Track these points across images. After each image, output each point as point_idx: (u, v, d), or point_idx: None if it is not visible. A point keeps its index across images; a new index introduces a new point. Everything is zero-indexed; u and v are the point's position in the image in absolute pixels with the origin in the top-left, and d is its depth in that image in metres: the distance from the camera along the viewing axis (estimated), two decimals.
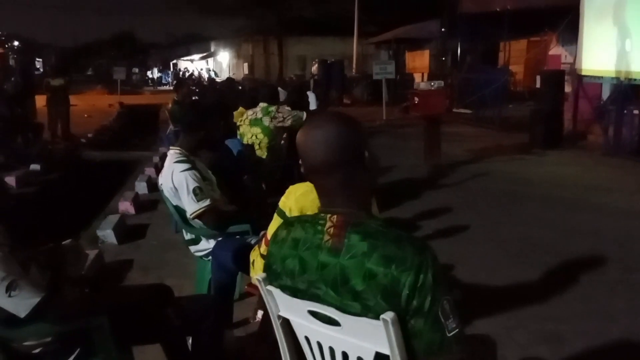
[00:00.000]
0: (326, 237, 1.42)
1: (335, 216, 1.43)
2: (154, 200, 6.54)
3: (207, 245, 3.34)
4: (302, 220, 1.54)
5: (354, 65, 25.45)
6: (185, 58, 52.91)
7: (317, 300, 1.41)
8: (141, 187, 7.25)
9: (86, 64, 56.36)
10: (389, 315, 1.26)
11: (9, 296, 1.97)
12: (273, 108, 5.54)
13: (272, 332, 1.61)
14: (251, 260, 2.62)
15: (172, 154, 3.36)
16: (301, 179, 2.34)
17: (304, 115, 5.64)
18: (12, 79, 13.46)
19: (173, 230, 4.92)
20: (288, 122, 5.52)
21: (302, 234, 1.47)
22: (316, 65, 24.64)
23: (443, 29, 17.79)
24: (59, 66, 16.24)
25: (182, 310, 2.43)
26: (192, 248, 3.45)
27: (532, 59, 17.25)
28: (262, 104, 5.57)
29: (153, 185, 7.16)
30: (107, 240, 5.14)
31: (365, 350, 1.36)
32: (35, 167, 8.69)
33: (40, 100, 12.59)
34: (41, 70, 34.91)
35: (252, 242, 3.09)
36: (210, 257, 3.30)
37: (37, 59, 39.53)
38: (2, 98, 10.37)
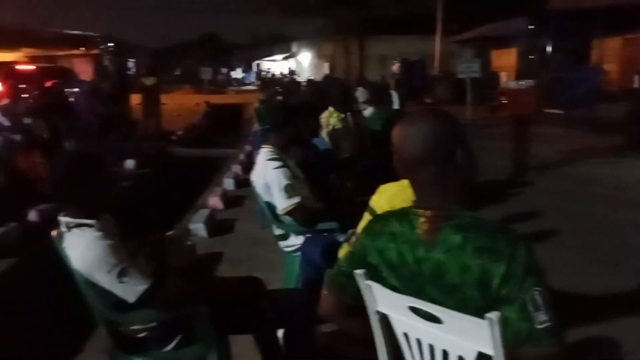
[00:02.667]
0: (420, 232, 1.44)
1: (428, 211, 1.45)
2: (240, 196, 6.75)
3: (295, 241, 3.43)
4: (396, 214, 1.55)
5: (436, 64, 24.98)
6: (267, 59, 53.83)
7: (416, 295, 1.43)
8: (229, 184, 7.49)
9: (174, 64, 58.40)
10: (495, 315, 1.26)
11: (120, 282, 2.11)
12: (325, 114, 5.67)
13: (359, 330, 1.62)
14: (340, 258, 2.67)
15: (265, 152, 3.47)
16: (385, 179, 2.36)
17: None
18: (110, 78, 14.20)
19: (260, 226, 5.09)
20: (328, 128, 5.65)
21: (399, 227, 1.49)
22: (397, 64, 24.45)
23: (531, 26, 17.16)
24: (151, 66, 17.01)
25: (275, 303, 2.51)
26: (282, 243, 3.54)
27: (628, 57, 16.34)
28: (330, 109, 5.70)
29: (239, 182, 7.38)
30: (198, 234, 5.36)
31: (467, 349, 1.35)
32: (130, 162, 9.15)
33: (133, 99, 13.23)
34: (134, 70, 36.48)
35: (340, 239, 3.15)
36: (298, 253, 3.39)
37: (130, 60, 41.27)
38: (99, 97, 10.97)
